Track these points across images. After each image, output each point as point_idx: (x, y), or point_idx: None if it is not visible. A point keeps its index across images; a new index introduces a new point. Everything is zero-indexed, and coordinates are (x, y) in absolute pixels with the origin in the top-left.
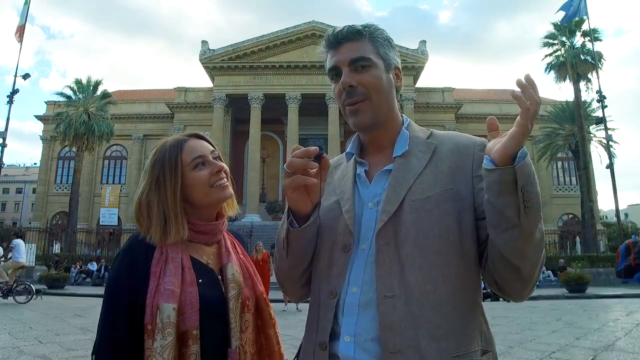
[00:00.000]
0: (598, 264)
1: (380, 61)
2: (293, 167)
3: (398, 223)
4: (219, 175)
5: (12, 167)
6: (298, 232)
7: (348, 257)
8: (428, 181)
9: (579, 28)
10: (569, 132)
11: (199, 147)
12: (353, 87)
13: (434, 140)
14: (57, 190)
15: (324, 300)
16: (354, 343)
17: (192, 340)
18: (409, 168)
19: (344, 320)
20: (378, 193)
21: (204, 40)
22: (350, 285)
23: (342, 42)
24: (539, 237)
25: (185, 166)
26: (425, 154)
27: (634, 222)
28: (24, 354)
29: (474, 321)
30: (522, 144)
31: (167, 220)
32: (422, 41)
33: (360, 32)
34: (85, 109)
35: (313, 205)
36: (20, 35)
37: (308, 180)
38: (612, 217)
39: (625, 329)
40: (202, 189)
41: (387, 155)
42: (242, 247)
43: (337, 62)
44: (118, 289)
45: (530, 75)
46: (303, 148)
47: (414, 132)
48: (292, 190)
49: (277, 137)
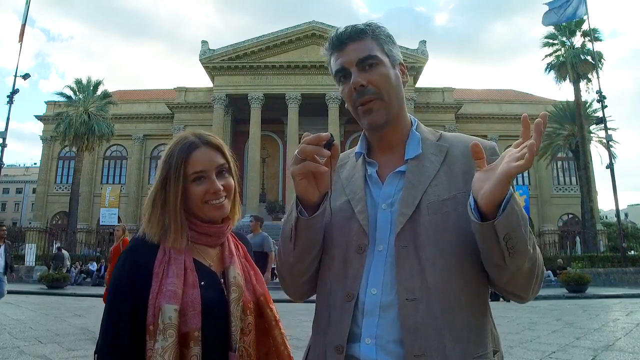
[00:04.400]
0: (598, 264)
1: (386, 58)
2: (304, 154)
3: (416, 225)
4: (215, 195)
5: (12, 167)
6: (308, 220)
7: (364, 258)
8: (443, 184)
9: (579, 28)
10: (569, 132)
11: (205, 160)
12: (364, 86)
13: (445, 143)
14: (57, 190)
15: (339, 303)
16: (376, 345)
17: (193, 341)
18: (422, 171)
19: (364, 322)
20: (391, 194)
21: (204, 40)
22: (370, 286)
23: (346, 43)
24: (529, 266)
25: (186, 176)
26: (438, 156)
27: (634, 222)
28: (24, 354)
29: (488, 322)
30: (507, 190)
31: (168, 225)
32: (422, 41)
33: (363, 31)
34: (86, 109)
35: (321, 194)
36: (20, 35)
37: (320, 168)
38: (612, 217)
39: (625, 329)
40: (196, 204)
41: (397, 156)
42: (245, 249)
43: (344, 63)
44: (121, 289)
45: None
46: (314, 134)
47: (424, 133)
48: (301, 177)
49: (277, 137)
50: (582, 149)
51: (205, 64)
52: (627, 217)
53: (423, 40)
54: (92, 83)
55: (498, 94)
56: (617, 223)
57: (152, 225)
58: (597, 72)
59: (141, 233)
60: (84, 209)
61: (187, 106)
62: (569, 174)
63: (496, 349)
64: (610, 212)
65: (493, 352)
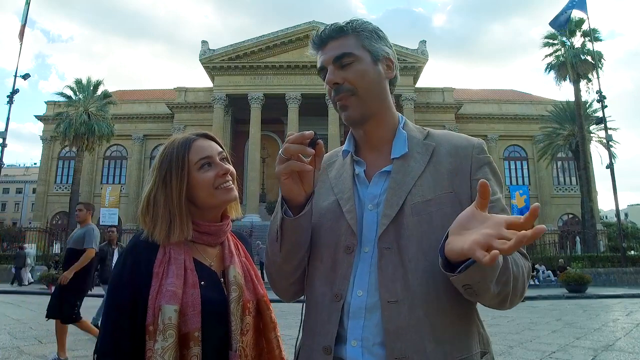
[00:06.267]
0: (598, 264)
1: (366, 54)
2: (289, 153)
3: (400, 227)
4: (224, 177)
5: (12, 167)
6: (294, 220)
7: (352, 259)
8: (428, 184)
9: (579, 28)
10: (569, 132)
11: (207, 148)
12: (338, 84)
13: (431, 141)
14: (57, 190)
15: (328, 303)
16: (362, 347)
17: (193, 342)
18: (408, 171)
19: (350, 324)
20: (377, 195)
21: (204, 40)
22: (356, 288)
23: (326, 41)
24: (500, 299)
25: (191, 166)
26: (424, 155)
27: (634, 222)
28: (24, 354)
29: (473, 324)
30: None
31: (172, 220)
32: (422, 41)
33: (342, 28)
34: (86, 109)
35: (307, 194)
36: (20, 35)
37: (304, 167)
38: (612, 217)
39: (625, 329)
40: (206, 190)
41: (384, 154)
42: (245, 249)
43: (323, 61)
44: (121, 289)
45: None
46: (298, 133)
47: (411, 131)
48: (286, 177)
49: (277, 137)
50: (582, 149)
51: (205, 64)
52: (627, 217)
53: (423, 40)
54: (92, 83)
55: (498, 94)
56: (617, 223)
57: (154, 224)
58: (597, 72)
59: (146, 234)
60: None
61: (187, 106)
62: (569, 174)
63: (485, 351)
64: (610, 212)
65: (481, 354)
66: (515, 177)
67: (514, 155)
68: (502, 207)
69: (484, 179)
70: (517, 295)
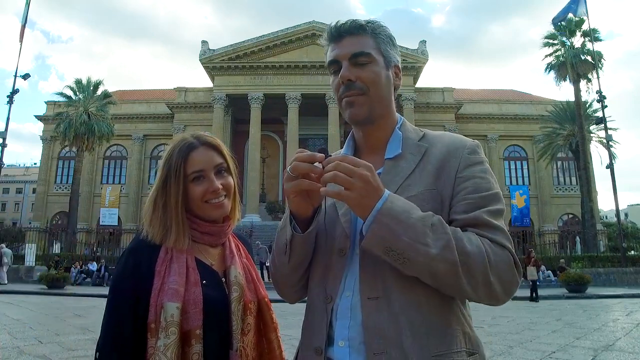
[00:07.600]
0: (598, 264)
1: (380, 57)
2: (297, 171)
3: None
4: (214, 194)
5: (12, 167)
6: (303, 237)
7: (345, 261)
8: (415, 183)
9: (579, 28)
10: (569, 132)
11: (204, 160)
12: (352, 81)
13: (425, 143)
14: (57, 190)
15: (320, 305)
16: (349, 347)
17: (195, 339)
18: (397, 171)
19: (337, 325)
20: None
21: (204, 40)
22: (346, 289)
23: (343, 36)
24: (447, 268)
25: (186, 176)
26: (416, 156)
27: (634, 222)
28: (24, 354)
29: (455, 321)
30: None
31: (168, 227)
32: (422, 41)
33: (363, 27)
34: (86, 109)
35: (314, 208)
36: (20, 36)
37: (313, 186)
38: (612, 217)
39: (625, 329)
40: (196, 203)
41: (380, 157)
42: (246, 250)
43: (337, 55)
44: (122, 287)
45: None
46: (308, 152)
47: (407, 132)
48: (295, 195)
49: (277, 137)
50: (582, 149)
51: (205, 64)
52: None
53: (423, 40)
54: (92, 83)
55: (498, 94)
56: (617, 223)
57: (153, 225)
58: (597, 72)
59: (145, 234)
60: (84, 209)
61: (187, 106)
62: (569, 174)
63: (473, 351)
64: (610, 212)
65: (468, 353)
66: (515, 177)
67: (514, 155)
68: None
69: (471, 176)
70: (479, 281)
